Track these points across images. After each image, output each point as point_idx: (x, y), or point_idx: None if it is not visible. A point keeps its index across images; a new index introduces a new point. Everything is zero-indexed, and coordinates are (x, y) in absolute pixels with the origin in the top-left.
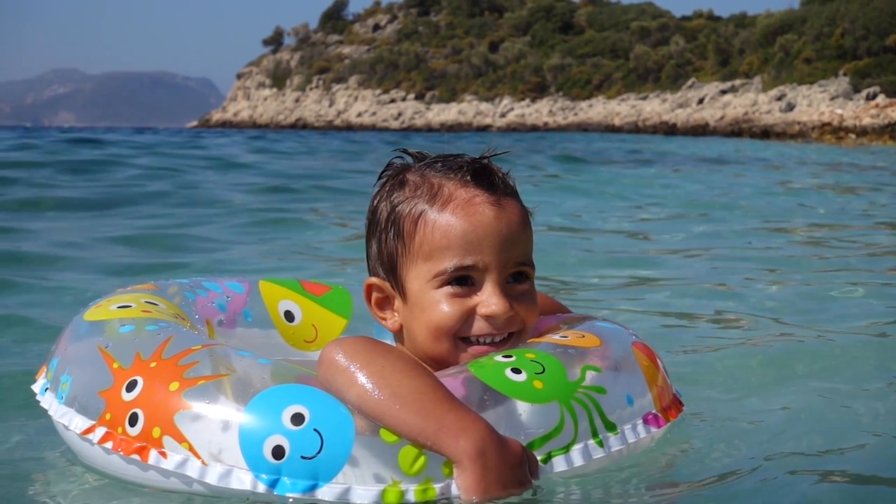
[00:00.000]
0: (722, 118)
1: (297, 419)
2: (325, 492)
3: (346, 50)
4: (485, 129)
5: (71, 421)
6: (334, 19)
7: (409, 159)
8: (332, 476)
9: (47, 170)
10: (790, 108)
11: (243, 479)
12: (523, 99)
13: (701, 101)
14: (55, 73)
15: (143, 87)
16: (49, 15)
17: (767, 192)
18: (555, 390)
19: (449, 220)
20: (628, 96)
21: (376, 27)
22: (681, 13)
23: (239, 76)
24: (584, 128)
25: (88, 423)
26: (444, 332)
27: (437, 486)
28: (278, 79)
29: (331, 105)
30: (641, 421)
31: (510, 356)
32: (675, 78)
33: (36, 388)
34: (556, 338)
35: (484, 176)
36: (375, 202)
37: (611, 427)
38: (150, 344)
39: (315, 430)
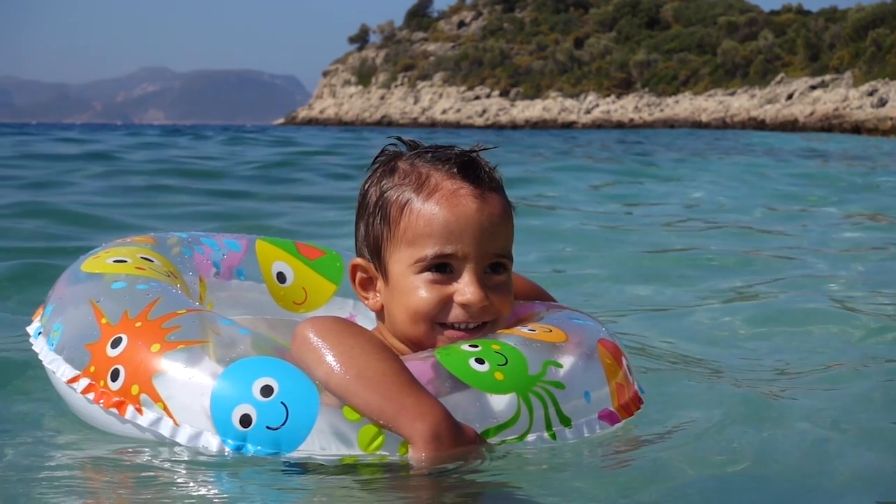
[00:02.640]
0: (812, 114)
1: (267, 391)
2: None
3: (431, 47)
4: (570, 125)
5: (58, 368)
6: (419, 16)
7: (403, 147)
8: (293, 447)
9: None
10: (882, 103)
11: (211, 442)
12: (609, 95)
13: (790, 96)
14: (145, 72)
15: (230, 85)
16: (140, 14)
17: None
18: (514, 382)
19: (433, 210)
20: (715, 92)
21: (461, 24)
22: (769, 7)
23: (325, 74)
24: (670, 124)
25: (74, 372)
26: (421, 316)
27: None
28: (364, 76)
29: (416, 102)
30: (597, 417)
31: (476, 346)
32: (763, 73)
33: (30, 329)
34: (524, 331)
35: (470, 169)
36: (366, 186)
37: (565, 421)
38: (138, 303)
39: (282, 402)
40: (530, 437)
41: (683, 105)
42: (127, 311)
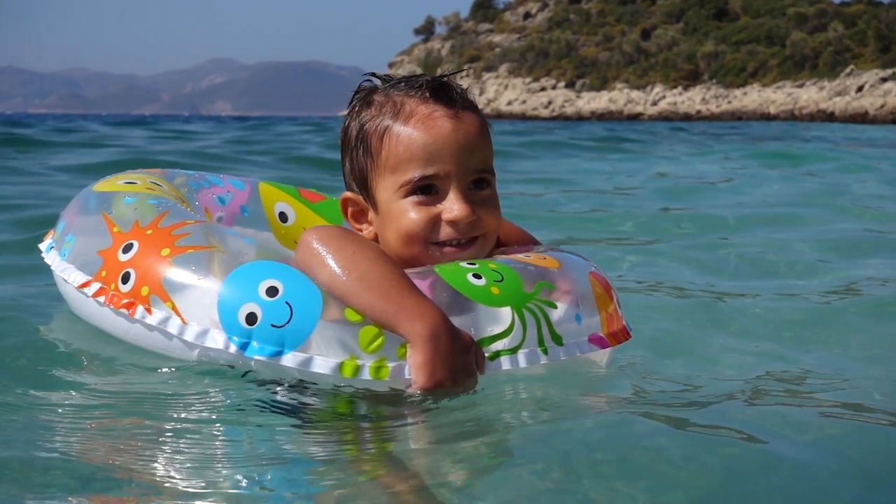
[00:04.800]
0: (882, 106)
1: (272, 291)
2: (289, 358)
3: (496, 38)
4: (636, 117)
5: (70, 275)
6: (485, 8)
7: (378, 82)
8: (296, 345)
9: None
10: None
11: (217, 339)
12: (675, 87)
13: (860, 88)
14: (212, 63)
15: (296, 76)
16: (207, 6)
17: None
18: (509, 297)
19: (411, 134)
20: (784, 84)
21: (527, 15)
22: None
23: (390, 65)
24: (737, 116)
25: (85, 277)
26: (413, 237)
27: (391, 365)
28: (429, 68)
29: (481, 94)
30: (587, 339)
31: (474, 264)
32: (832, 65)
33: (42, 246)
34: (519, 256)
35: (442, 92)
36: (346, 122)
37: (557, 339)
38: (148, 214)
39: (286, 302)
40: (523, 351)
41: (751, 97)
42: (138, 221)
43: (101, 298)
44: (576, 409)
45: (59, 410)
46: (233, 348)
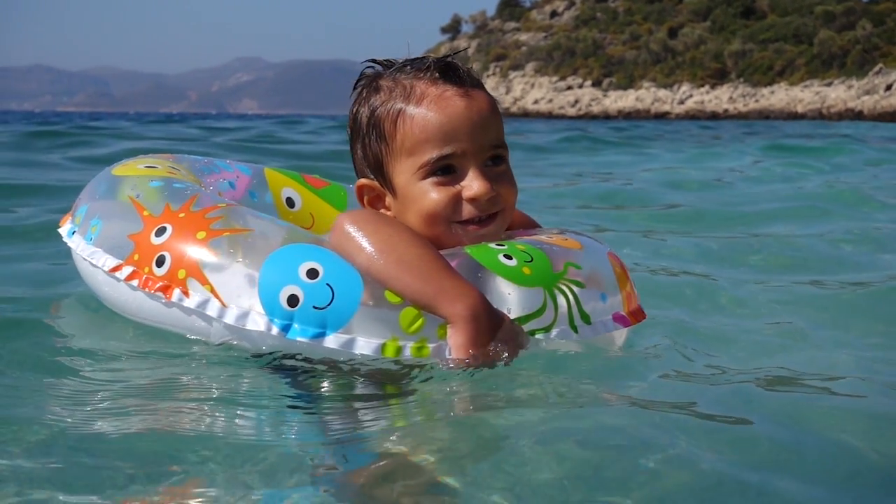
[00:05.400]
0: None
1: (312, 273)
2: (331, 340)
3: (523, 37)
4: (663, 115)
5: (99, 259)
6: (511, 6)
7: (379, 68)
8: (339, 327)
9: None
10: None
11: (258, 322)
12: (703, 85)
13: (889, 87)
14: (239, 62)
15: (322, 75)
16: (234, 5)
17: None
18: (540, 277)
19: (425, 115)
20: (812, 83)
21: (553, 14)
22: None
23: None
24: (765, 115)
25: (116, 261)
26: (436, 217)
27: (431, 346)
28: None
29: (507, 92)
30: (611, 318)
31: (503, 245)
32: (861, 63)
33: (63, 231)
34: (542, 237)
35: (450, 72)
36: (354, 109)
37: (585, 318)
38: (178, 198)
39: (327, 284)
40: (555, 331)
41: (779, 96)
42: (168, 204)
43: (135, 282)
44: (590, 395)
45: (90, 394)
46: (275, 330)
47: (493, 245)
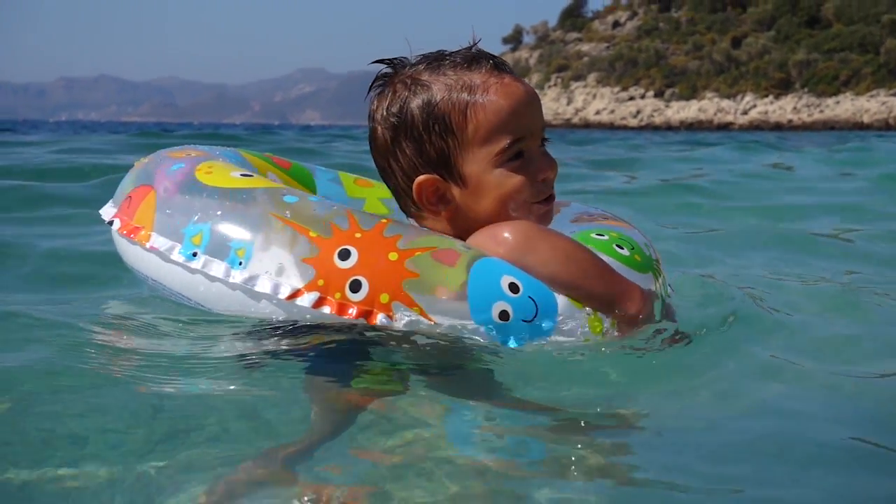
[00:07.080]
0: None
1: (514, 288)
2: None
3: (584, 47)
4: (726, 126)
5: (269, 286)
6: (574, 17)
7: (397, 68)
8: (546, 337)
9: None
10: None
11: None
12: (766, 96)
13: None
14: (302, 73)
15: None
16: (297, 16)
17: None
18: (647, 263)
19: (497, 103)
20: (878, 92)
21: (616, 24)
22: None
23: None
24: (830, 125)
25: (291, 288)
26: (519, 202)
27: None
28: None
29: (569, 103)
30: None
31: (603, 234)
32: None
33: (179, 255)
34: (607, 222)
35: (498, 62)
36: (395, 108)
37: (667, 293)
38: (331, 214)
39: (530, 297)
40: (657, 305)
41: (844, 106)
42: (334, 224)
43: (325, 308)
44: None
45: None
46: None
47: (594, 235)
